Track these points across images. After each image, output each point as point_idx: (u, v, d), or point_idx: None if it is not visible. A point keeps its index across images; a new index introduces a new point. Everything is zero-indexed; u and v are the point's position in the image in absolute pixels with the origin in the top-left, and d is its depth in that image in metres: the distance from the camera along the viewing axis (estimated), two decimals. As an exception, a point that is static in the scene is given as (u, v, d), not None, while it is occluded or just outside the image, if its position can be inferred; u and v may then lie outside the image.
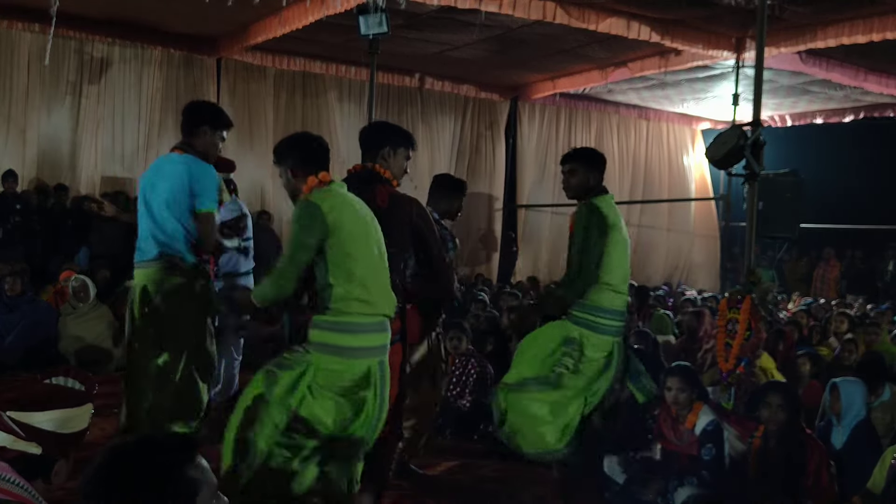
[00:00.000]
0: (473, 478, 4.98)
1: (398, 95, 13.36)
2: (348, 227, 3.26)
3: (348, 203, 3.34)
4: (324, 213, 3.22)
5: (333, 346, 3.26)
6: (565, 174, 4.53)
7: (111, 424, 5.28)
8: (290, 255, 3.27)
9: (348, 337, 3.26)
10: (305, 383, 3.25)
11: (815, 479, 4.14)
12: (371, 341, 3.31)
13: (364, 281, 3.26)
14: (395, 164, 3.86)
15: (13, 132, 10.71)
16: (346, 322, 3.25)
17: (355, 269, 3.25)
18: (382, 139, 3.86)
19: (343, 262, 3.24)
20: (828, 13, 8.76)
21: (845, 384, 4.80)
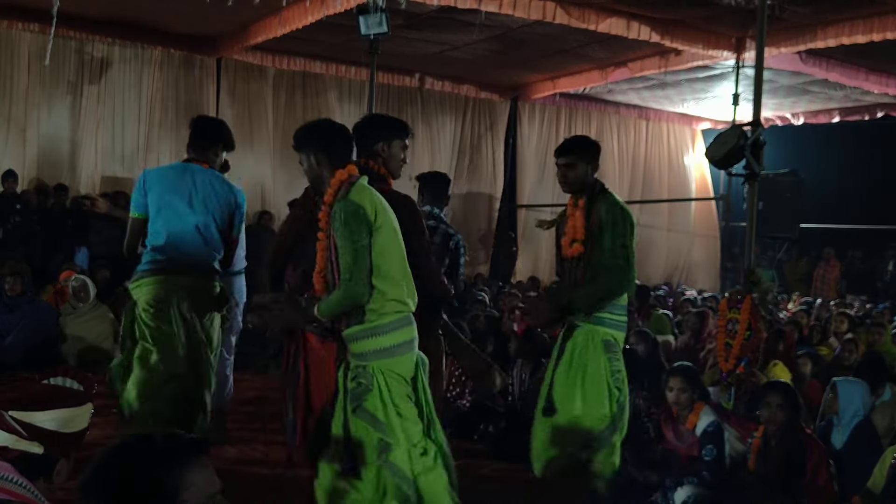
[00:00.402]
0: (473, 478, 4.97)
1: (398, 95, 13.36)
2: (385, 224, 3.21)
3: (380, 198, 3.29)
4: (367, 212, 3.15)
5: (389, 349, 3.20)
6: (562, 167, 4.30)
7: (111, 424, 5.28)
8: (354, 261, 3.13)
9: (392, 336, 3.21)
10: (388, 399, 3.21)
11: (814, 478, 4.14)
12: (410, 335, 3.28)
13: (398, 279, 3.23)
14: (391, 158, 3.76)
15: (13, 132, 10.71)
16: (384, 324, 3.20)
17: (391, 268, 3.20)
18: (374, 134, 3.73)
19: (379, 263, 3.18)
20: (828, 13, 8.76)
21: (844, 384, 4.80)
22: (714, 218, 15.96)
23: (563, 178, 4.32)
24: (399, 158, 3.79)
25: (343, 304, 3.20)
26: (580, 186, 4.28)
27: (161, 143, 11.53)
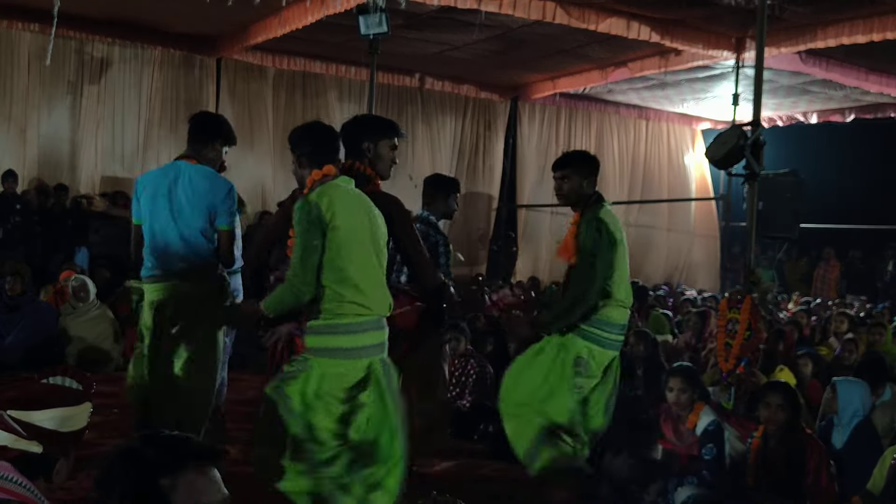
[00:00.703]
0: (473, 478, 4.98)
1: (398, 95, 13.36)
2: (345, 224, 3.20)
3: (349, 199, 3.29)
4: (322, 211, 3.18)
5: (334, 350, 3.22)
6: (558, 180, 4.32)
7: (111, 424, 5.28)
8: (301, 258, 3.18)
9: (345, 338, 3.21)
10: (312, 391, 3.22)
11: (814, 478, 4.14)
12: (368, 340, 3.26)
13: (357, 282, 3.21)
14: (378, 158, 3.71)
15: (13, 132, 10.72)
16: (340, 324, 3.20)
17: (348, 270, 3.20)
18: (360, 134, 3.70)
19: (335, 263, 3.18)
20: (828, 13, 8.76)
21: (843, 384, 4.80)
22: (714, 218, 15.96)
23: (558, 189, 4.36)
24: (387, 159, 3.73)
25: (285, 300, 3.25)
26: (575, 199, 4.31)
27: (161, 143, 11.54)
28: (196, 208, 4.15)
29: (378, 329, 3.31)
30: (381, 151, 3.70)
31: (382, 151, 3.70)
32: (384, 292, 3.34)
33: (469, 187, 14.10)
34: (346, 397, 3.23)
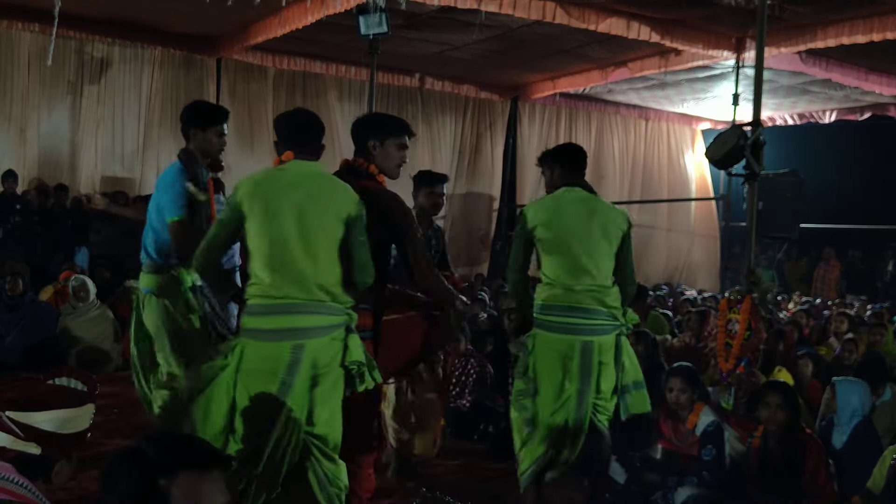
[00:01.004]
0: (473, 478, 4.98)
1: (398, 95, 13.36)
2: (261, 207, 3.17)
3: (276, 182, 3.23)
4: (235, 193, 3.23)
5: (251, 330, 3.19)
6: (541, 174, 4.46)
7: (111, 424, 5.28)
8: (208, 234, 3.41)
9: (254, 319, 3.19)
10: (233, 369, 3.18)
11: (814, 478, 4.14)
12: (275, 324, 3.15)
13: (268, 264, 3.15)
14: (385, 157, 3.59)
15: (13, 132, 10.72)
16: (254, 304, 3.19)
17: (255, 254, 3.18)
18: (366, 133, 3.63)
19: (252, 245, 3.20)
20: (828, 13, 8.76)
21: (843, 384, 4.80)
22: (714, 218, 15.97)
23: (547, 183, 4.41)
24: (394, 157, 3.60)
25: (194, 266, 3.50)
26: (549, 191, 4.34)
27: (161, 143, 11.54)
28: (155, 206, 4.18)
29: (293, 313, 3.16)
30: (389, 150, 3.59)
31: (389, 150, 3.59)
32: (303, 280, 3.17)
33: (469, 187, 14.11)
34: (270, 378, 3.13)
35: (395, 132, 3.64)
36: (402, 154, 3.64)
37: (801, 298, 12.68)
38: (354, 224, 3.23)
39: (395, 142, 3.61)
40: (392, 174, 3.66)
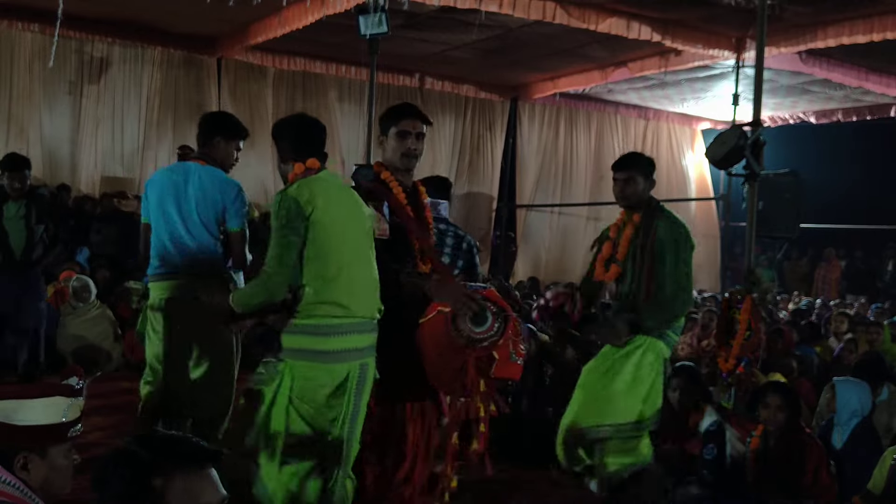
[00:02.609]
0: (473, 478, 4.97)
1: (398, 95, 13.33)
2: (325, 220, 3.03)
3: (331, 193, 3.12)
4: (301, 206, 3.03)
5: (308, 351, 3.05)
6: (621, 182, 4.25)
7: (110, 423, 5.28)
8: (278, 256, 2.99)
9: (322, 340, 3.03)
10: (285, 397, 3.06)
11: (814, 478, 4.14)
12: (349, 343, 3.05)
13: (337, 281, 3.03)
14: (388, 150, 3.43)
15: (13, 132, 10.72)
16: (317, 325, 3.03)
17: (329, 268, 3.03)
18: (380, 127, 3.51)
19: (315, 261, 3.03)
20: (828, 13, 8.76)
21: (843, 384, 4.80)
22: (714, 218, 15.95)
23: (621, 192, 4.30)
24: (395, 148, 3.37)
25: (258, 296, 3.07)
26: (637, 202, 4.29)
27: (161, 143, 11.55)
28: (205, 209, 4.16)
29: (361, 332, 3.09)
30: (391, 143, 3.49)
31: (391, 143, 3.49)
32: (371, 295, 3.14)
33: (469, 187, 14.11)
34: (318, 400, 3.06)
35: (392, 121, 3.39)
36: (408, 141, 3.36)
37: (800, 299, 12.67)
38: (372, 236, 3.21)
39: (395, 129, 3.38)
40: (400, 166, 3.38)
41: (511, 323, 2.98)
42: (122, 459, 1.64)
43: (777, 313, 10.08)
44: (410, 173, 3.47)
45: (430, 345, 3.12)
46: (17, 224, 5.92)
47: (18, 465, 2.08)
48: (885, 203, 14.86)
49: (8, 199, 5.91)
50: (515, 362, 3.01)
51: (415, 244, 3.36)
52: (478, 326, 2.95)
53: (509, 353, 2.97)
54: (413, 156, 3.38)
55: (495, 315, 2.97)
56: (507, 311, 3.00)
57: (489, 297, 3.01)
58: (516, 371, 3.07)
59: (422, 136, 3.39)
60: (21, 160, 6.06)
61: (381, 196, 3.33)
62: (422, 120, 3.40)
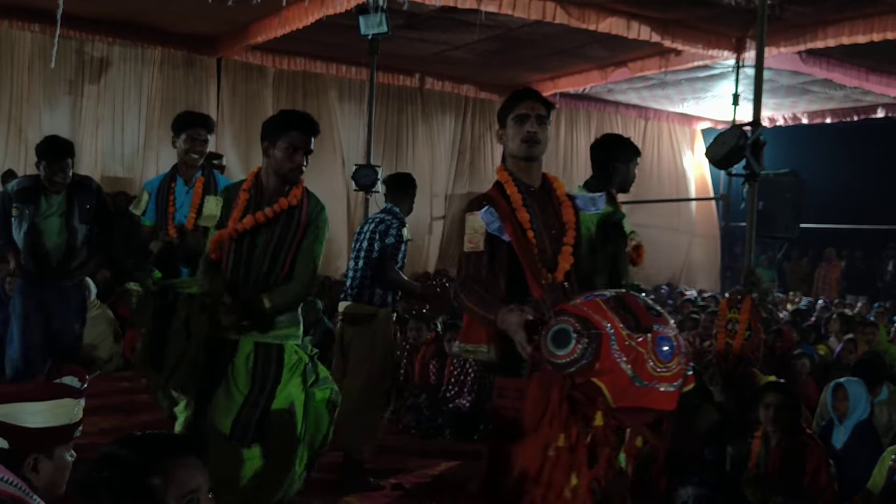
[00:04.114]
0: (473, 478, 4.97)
1: (398, 95, 13.36)
2: None
3: None
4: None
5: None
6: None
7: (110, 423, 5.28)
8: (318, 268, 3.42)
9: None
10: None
11: (814, 478, 4.14)
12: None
13: None
14: (508, 140, 3.03)
15: (13, 132, 10.72)
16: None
17: None
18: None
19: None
20: (828, 13, 8.76)
21: (851, 384, 4.80)
22: (714, 218, 15.96)
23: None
24: (514, 135, 2.96)
25: (298, 300, 3.34)
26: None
27: (161, 144, 11.53)
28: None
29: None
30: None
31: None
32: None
33: (469, 187, 14.10)
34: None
35: (509, 105, 3.02)
36: (523, 128, 2.93)
37: (800, 299, 12.67)
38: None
39: (512, 116, 2.98)
40: (520, 154, 2.98)
41: (604, 342, 2.39)
42: (109, 464, 1.67)
43: (777, 313, 10.08)
44: (535, 165, 3.00)
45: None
46: (54, 223, 4.75)
47: (29, 467, 2.10)
48: (885, 203, 14.86)
49: (45, 192, 4.74)
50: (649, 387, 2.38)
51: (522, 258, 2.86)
52: (558, 349, 2.44)
53: (628, 378, 2.39)
54: (534, 140, 2.92)
55: (579, 335, 2.41)
56: (597, 329, 2.42)
57: (568, 311, 2.48)
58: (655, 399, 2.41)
59: (544, 120, 2.94)
60: (63, 146, 4.78)
61: (489, 201, 2.92)
62: (542, 102, 2.99)
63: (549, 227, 2.94)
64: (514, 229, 2.86)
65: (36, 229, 4.70)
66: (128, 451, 1.68)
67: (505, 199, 2.93)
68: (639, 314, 2.45)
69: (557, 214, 2.99)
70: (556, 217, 2.98)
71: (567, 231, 2.97)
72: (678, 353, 2.43)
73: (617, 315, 2.43)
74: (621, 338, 2.41)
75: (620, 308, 2.45)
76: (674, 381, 2.41)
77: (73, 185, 4.79)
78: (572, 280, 2.91)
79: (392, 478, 4.72)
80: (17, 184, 4.84)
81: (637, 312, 2.45)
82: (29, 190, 4.73)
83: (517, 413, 2.68)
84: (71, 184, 4.78)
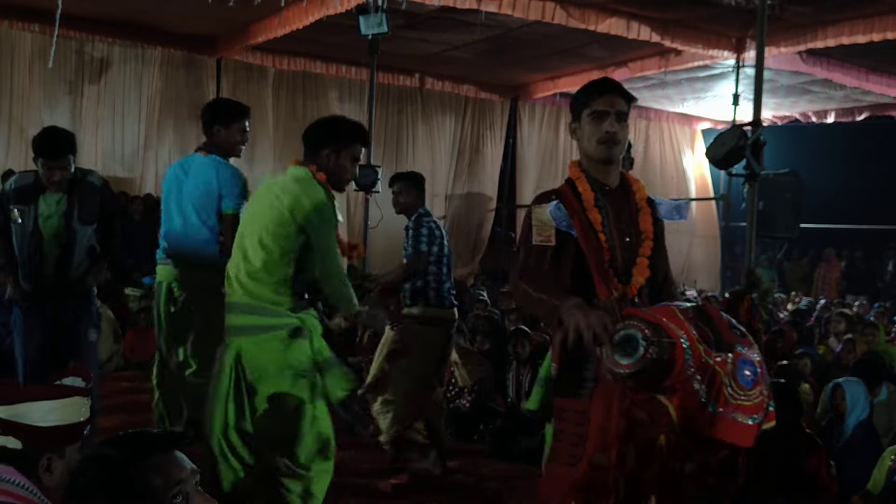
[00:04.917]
0: (473, 478, 4.98)
1: (398, 95, 13.37)
2: None
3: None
4: None
5: None
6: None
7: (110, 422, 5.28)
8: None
9: None
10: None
11: (815, 479, 4.14)
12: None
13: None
14: (583, 138, 2.72)
15: (13, 132, 10.73)
16: None
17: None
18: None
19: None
20: (828, 13, 8.77)
21: (849, 384, 4.80)
22: (714, 218, 15.96)
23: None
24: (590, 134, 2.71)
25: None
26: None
27: (161, 144, 11.55)
28: (200, 196, 4.22)
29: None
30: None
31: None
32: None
33: (469, 187, 14.11)
34: None
35: (585, 99, 2.70)
36: (600, 126, 2.66)
37: (800, 299, 12.67)
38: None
39: (588, 112, 2.69)
40: (596, 155, 2.72)
41: (678, 354, 2.07)
42: (97, 465, 1.69)
43: (777, 313, 10.08)
44: (612, 167, 2.74)
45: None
46: (54, 225, 4.15)
47: (43, 467, 2.11)
48: (885, 203, 14.86)
49: (44, 191, 4.13)
50: (723, 415, 2.08)
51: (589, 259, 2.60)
52: (623, 357, 2.13)
53: (700, 400, 2.08)
54: (613, 141, 2.64)
55: (649, 342, 2.09)
56: (671, 338, 2.10)
57: (639, 316, 2.19)
58: (728, 430, 2.13)
59: (624, 117, 2.66)
60: (63, 141, 4.14)
61: (559, 196, 2.68)
62: (622, 96, 2.67)
63: (623, 233, 2.66)
64: (584, 229, 2.60)
65: (39, 235, 4.09)
66: (112, 450, 1.70)
67: (576, 197, 2.66)
68: (721, 330, 2.16)
69: (634, 221, 2.71)
70: (631, 223, 2.70)
71: (644, 241, 2.68)
72: (760, 382, 2.12)
73: (695, 327, 2.12)
74: (697, 353, 2.09)
75: (700, 320, 2.15)
76: (753, 413, 2.12)
77: (74, 182, 4.17)
78: (643, 296, 2.62)
79: (392, 478, 4.72)
80: (14, 182, 4.19)
81: (719, 328, 2.16)
82: (28, 188, 4.12)
83: (579, 440, 2.38)
84: (72, 179, 4.15)
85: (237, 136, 4.35)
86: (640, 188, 2.80)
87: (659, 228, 2.74)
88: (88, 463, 1.72)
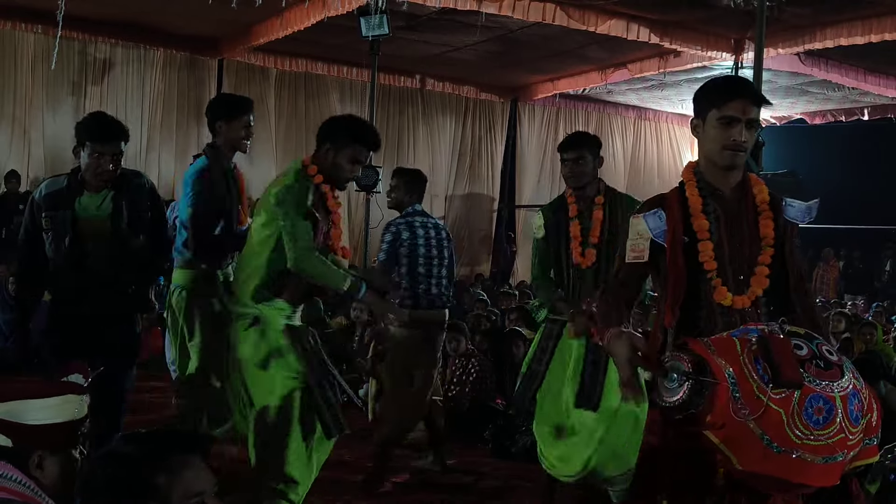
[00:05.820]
0: (473, 476, 5.01)
1: (399, 96, 13.40)
2: None
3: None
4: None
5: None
6: (571, 162, 4.08)
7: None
8: None
9: None
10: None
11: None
12: None
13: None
14: (706, 139, 2.52)
15: (16, 133, 10.77)
16: None
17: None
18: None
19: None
20: (826, 14, 8.81)
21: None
22: (714, 218, 15.97)
23: (570, 171, 4.13)
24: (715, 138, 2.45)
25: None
26: (589, 180, 4.20)
27: (163, 145, 11.59)
28: (181, 200, 4.27)
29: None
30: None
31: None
32: None
33: (469, 188, 14.15)
34: None
35: (716, 99, 2.50)
36: (729, 133, 2.45)
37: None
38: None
39: (717, 115, 2.47)
40: (720, 161, 2.51)
41: (719, 391, 1.98)
42: (113, 461, 1.65)
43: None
44: (734, 172, 2.53)
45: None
46: (98, 227, 3.57)
47: (34, 464, 2.09)
48: (883, 203, 14.87)
49: (81, 192, 3.57)
50: (787, 454, 1.97)
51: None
52: (670, 390, 2.07)
53: (757, 438, 1.97)
54: (740, 149, 2.43)
55: (687, 378, 2.03)
56: (713, 375, 2.01)
57: (690, 348, 2.10)
58: (799, 471, 2.01)
59: (754, 125, 2.45)
60: (116, 126, 3.61)
61: (662, 203, 2.58)
62: (755, 102, 2.45)
63: (738, 239, 2.46)
64: (676, 240, 2.43)
65: (77, 235, 3.52)
66: (132, 448, 1.65)
67: (682, 203, 2.52)
68: (783, 365, 1.98)
69: (753, 226, 2.48)
70: (750, 229, 2.48)
71: (763, 249, 2.45)
72: (839, 420, 1.96)
73: (751, 361, 2.00)
74: (748, 389, 1.97)
75: (761, 353, 2.01)
76: (831, 454, 1.96)
77: (121, 181, 3.63)
78: (759, 305, 2.43)
79: (392, 478, 4.76)
80: (44, 188, 3.63)
81: (781, 362, 1.98)
82: (61, 192, 3.57)
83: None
84: (118, 178, 3.62)
85: (241, 132, 4.23)
86: (761, 189, 2.54)
87: (784, 233, 2.50)
88: (104, 458, 1.68)
